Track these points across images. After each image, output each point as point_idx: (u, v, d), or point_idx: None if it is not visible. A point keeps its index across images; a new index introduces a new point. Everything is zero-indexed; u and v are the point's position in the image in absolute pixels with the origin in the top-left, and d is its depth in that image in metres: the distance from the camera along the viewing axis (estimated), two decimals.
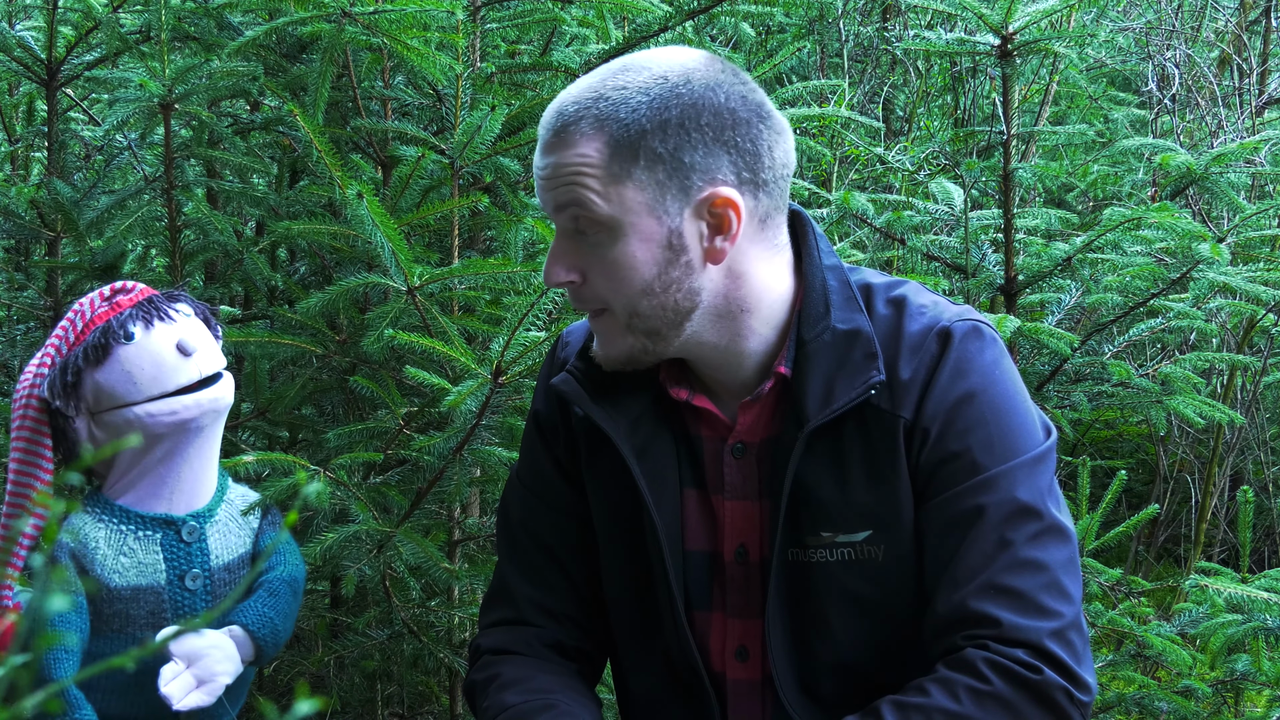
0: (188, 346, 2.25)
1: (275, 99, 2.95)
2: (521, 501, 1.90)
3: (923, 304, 1.72)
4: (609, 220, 1.63)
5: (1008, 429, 1.67)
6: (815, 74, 4.84)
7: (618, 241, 1.63)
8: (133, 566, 2.26)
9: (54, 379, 2.24)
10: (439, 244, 2.88)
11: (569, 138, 1.63)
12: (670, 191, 1.62)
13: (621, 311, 1.67)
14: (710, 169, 1.63)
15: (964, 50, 3.14)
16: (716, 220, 1.64)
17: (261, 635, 2.27)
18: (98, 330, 2.24)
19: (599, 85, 1.65)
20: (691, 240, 1.64)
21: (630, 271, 1.64)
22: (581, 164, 1.62)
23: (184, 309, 2.30)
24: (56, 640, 2.20)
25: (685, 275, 1.65)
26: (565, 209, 1.64)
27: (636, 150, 1.61)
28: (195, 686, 2.17)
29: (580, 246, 1.66)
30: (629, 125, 1.61)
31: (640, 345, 1.69)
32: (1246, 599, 2.63)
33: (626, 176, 1.61)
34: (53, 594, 0.86)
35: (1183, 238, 2.95)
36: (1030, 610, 1.61)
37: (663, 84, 1.63)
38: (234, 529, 2.35)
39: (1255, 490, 3.85)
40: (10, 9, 3.63)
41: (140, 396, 2.22)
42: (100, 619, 2.26)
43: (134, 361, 2.23)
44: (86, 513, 2.28)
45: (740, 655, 1.78)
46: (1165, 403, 3.09)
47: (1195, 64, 4.92)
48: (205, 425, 2.28)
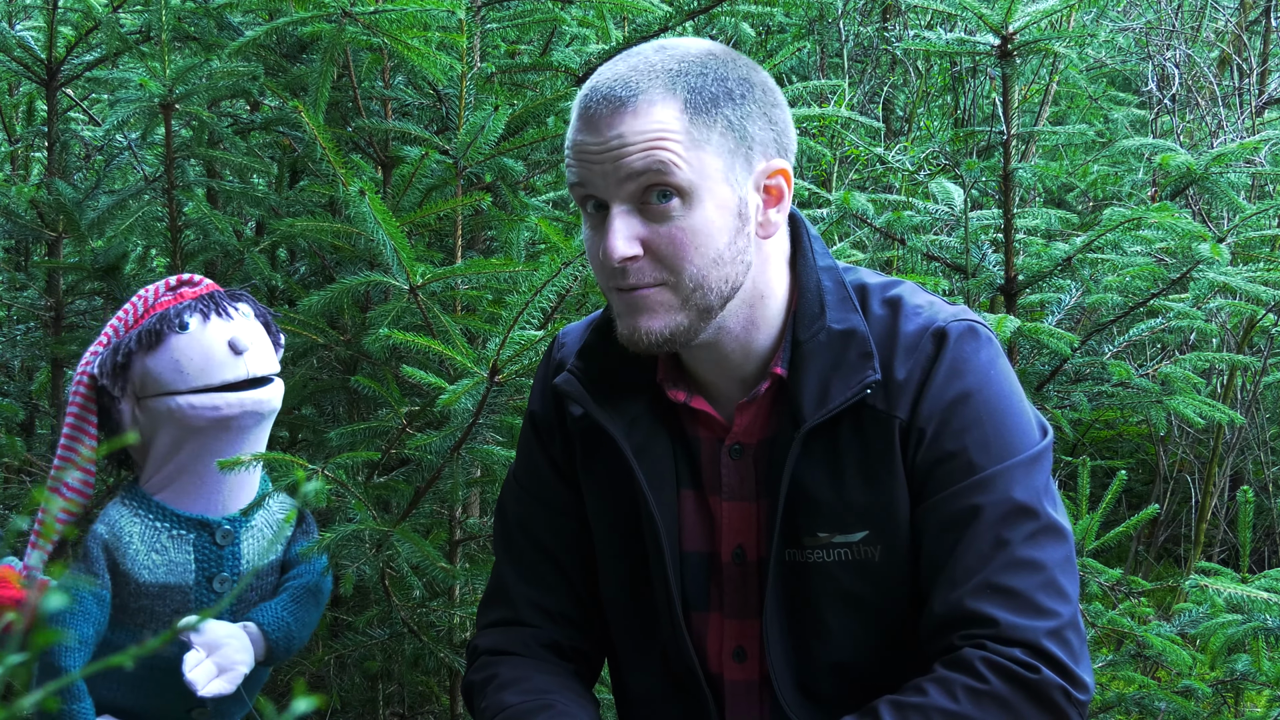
0: (240, 345, 2.27)
1: (275, 99, 2.95)
2: (518, 502, 1.90)
3: (918, 304, 1.72)
4: (689, 186, 1.62)
5: (1003, 429, 1.67)
6: (815, 74, 4.84)
7: (696, 208, 1.62)
8: (163, 564, 2.27)
9: (105, 359, 2.27)
10: (440, 244, 2.88)
11: (639, 106, 1.61)
12: (739, 160, 1.64)
13: (689, 281, 1.64)
14: (765, 141, 1.66)
15: (964, 50, 3.14)
16: (770, 193, 1.67)
17: (275, 637, 2.29)
18: (155, 316, 2.27)
19: (653, 59, 1.64)
20: (752, 211, 1.66)
21: (706, 239, 1.63)
22: (661, 130, 1.60)
23: (245, 309, 2.33)
24: (70, 630, 2.22)
25: (746, 247, 1.67)
26: (638, 177, 1.61)
27: (714, 117, 1.62)
28: (217, 674, 2.19)
29: (646, 218, 1.63)
30: (701, 92, 1.62)
31: (688, 323, 1.66)
32: (1246, 599, 2.62)
33: (706, 142, 1.62)
34: (64, 588, 0.87)
35: (1183, 238, 2.95)
36: (1027, 610, 1.61)
37: (715, 59, 1.65)
38: (268, 534, 2.36)
39: (1255, 490, 3.85)
40: (10, 9, 3.63)
41: (185, 386, 2.24)
42: (125, 612, 2.28)
43: (184, 351, 2.25)
44: (124, 505, 2.30)
45: (738, 656, 1.79)
46: (1165, 403, 3.09)
47: (1195, 64, 4.92)
48: (248, 427, 2.29)
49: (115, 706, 2.34)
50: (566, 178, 1.70)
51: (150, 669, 2.28)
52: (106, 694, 2.33)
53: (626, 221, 1.63)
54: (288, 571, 2.40)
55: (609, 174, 1.62)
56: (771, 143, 1.67)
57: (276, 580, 2.39)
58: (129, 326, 2.30)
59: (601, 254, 1.64)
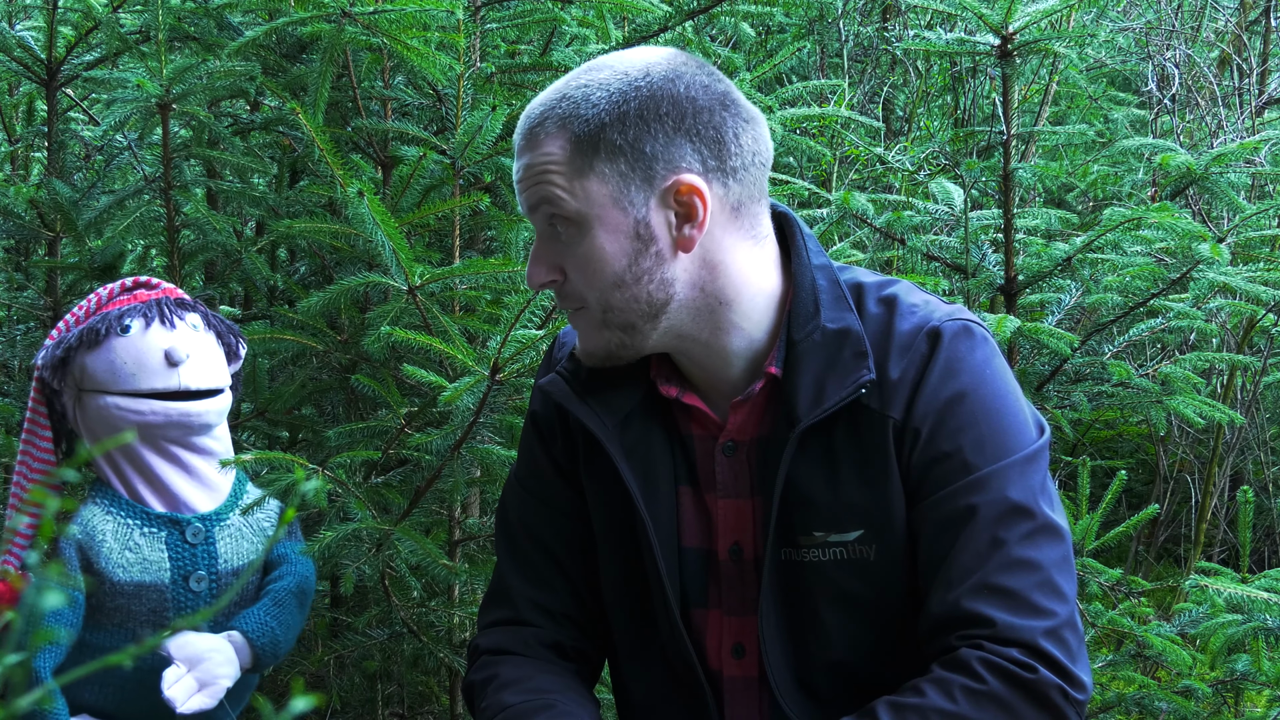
0: (176, 355, 2.28)
1: (275, 99, 2.95)
2: (520, 502, 1.91)
3: (914, 303, 1.72)
4: (576, 215, 1.65)
5: (999, 428, 1.67)
6: (815, 74, 4.83)
7: (586, 235, 1.65)
8: (137, 562, 2.26)
9: (49, 352, 2.32)
10: (439, 244, 2.88)
11: (536, 139, 1.66)
12: (634, 182, 1.64)
13: (596, 306, 1.68)
14: (673, 158, 1.64)
15: (964, 50, 3.14)
16: (684, 208, 1.66)
17: (260, 644, 2.27)
18: (100, 316, 2.31)
19: (563, 87, 1.68)
20: (660, 229, 1.66)
21: (600, 264, 1.66)
22: (547, 162, 1.65)
23: (194, 319, 2.34)
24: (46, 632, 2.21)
25: (656, 265, 1.67)
26: (538, 208, 1.68)
27: (596, 143, 1.63)
28: (198, 690, 2.18)
29: (556, 245, 1.69)
30: (589, 120, 1.64)
31: (617, 340, 1.70)
32: (1246, 599, 2.62)
33: (589, 169, 1.64)
34: (49, 588, 0.87)
35: (1183, 238, 2.95)
36: (1024, 609, 1.61)
37: (623, 79, 1.65)
38: (248, 534, 2.35)
39: (1255, 490, 3.85)
40: (10, 9, 3.63)
41: (115, 388, 2.27)
42: (101, 612, 2.26)
43: (120, 354, 2.28)
44: (96, 504, 2.30)
45: (736, 653, 1.79)
46: (1165, 403, 3.09)
47: (1195, 64, 4.92)
48: (176, 438, 2.30)
49: (93, 707, 2.33)
50: None
51: (133, 674, 2.27)
52: (85, 695, 2.31)
53: (543, 248, 1.70)
54: (269, 573, 2.39)
55: (523, 204, 1.70)
56: (688, 157, 1.64)
57: (258, 582, 2.37)
58: (79, 322, 2.34)
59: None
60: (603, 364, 1.74)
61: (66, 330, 2.34)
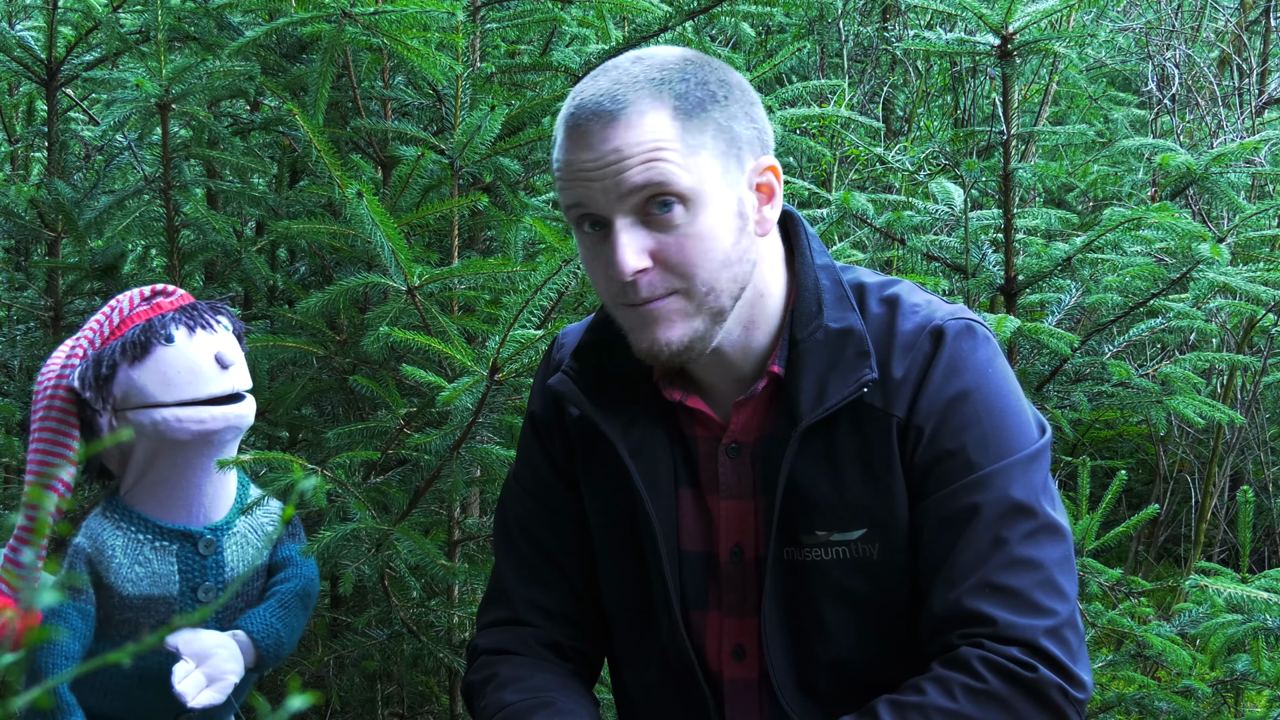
0: (225, 359, 2.24)
1: (275, 99, 2.95)
2: (518, 502, 1.90)
3: (916, 303, 1.72)
4: (691, 192, 1.61)
5: (1001, 427, 1.67)
6: (815, 74, 4.83)
7: (701, 214, 1.62)
8: (147, 576, 2.26)
9: (85, 371, 2.22)
10: (439, 244, 2.88)
11: (630, 118, 1.59)
12: (731, 161, 1.64)
13: (701, 287, 1.63)
14: (750, 139, 1.66)
15: (964, 50, 3.14)
16: (763, 190, 1.67)
17: (265, 645, 2.27)
18: (139, 328, 2.23)
19: (633, 70, 1.63)
20: (749, 210, 1.66)
21: (714, 242, 1.62)
22: (657, 140, 1.59)
23: (225, 322, 2.30)
24: (60, 643, 2.21)
25: (750, 246, 1.67)
26: (640, 190, 1.60)
27: (704, 121, 1.62)
28: (206, 685, 2.18)
29: (650, 229, 1.62)
30: (687, 97, 1.62)
31: (702, 329, 1.65)
32: (1246, 599, 2.62)
33: (701, 147, 1.61)
34: (59, 597, 0.87)
35: (1183, 238, 2.95)
36: (1025, 608, 1.61)
37: (692, 64, 1.65)
38: (252, 540, 2.34)
39: (1255, 490, 3.85)
40: (10, 9, 3.63)
41: (171, 399, 2.21)
42: (110, 625, 2.26)
43: (171, 364, 2.22)
44: (105, 518, 2.28)
45: (737, 654, 1.78)
46: (1165, 403, 3.09)
47: (1195, 64, 4.92)
48: (227, 441, 2.28)
49: (103, 715, 2.33)
50: (560, 199, 1.67)
51: (139, 678, 2.27)
52: (93, 703, 2.31)
53: (632, 235, 1.61)
54: (274, 575, 2.38)
55: (609, 190, 1.60)
56: (756, 140, 1.67)
57: (263, 584, 2.37)
58: (105, 338, 2.25)
59: (610, 270, 1.62)
60: (674, 358, 1.67)
61: (93, 347, 2.25)
